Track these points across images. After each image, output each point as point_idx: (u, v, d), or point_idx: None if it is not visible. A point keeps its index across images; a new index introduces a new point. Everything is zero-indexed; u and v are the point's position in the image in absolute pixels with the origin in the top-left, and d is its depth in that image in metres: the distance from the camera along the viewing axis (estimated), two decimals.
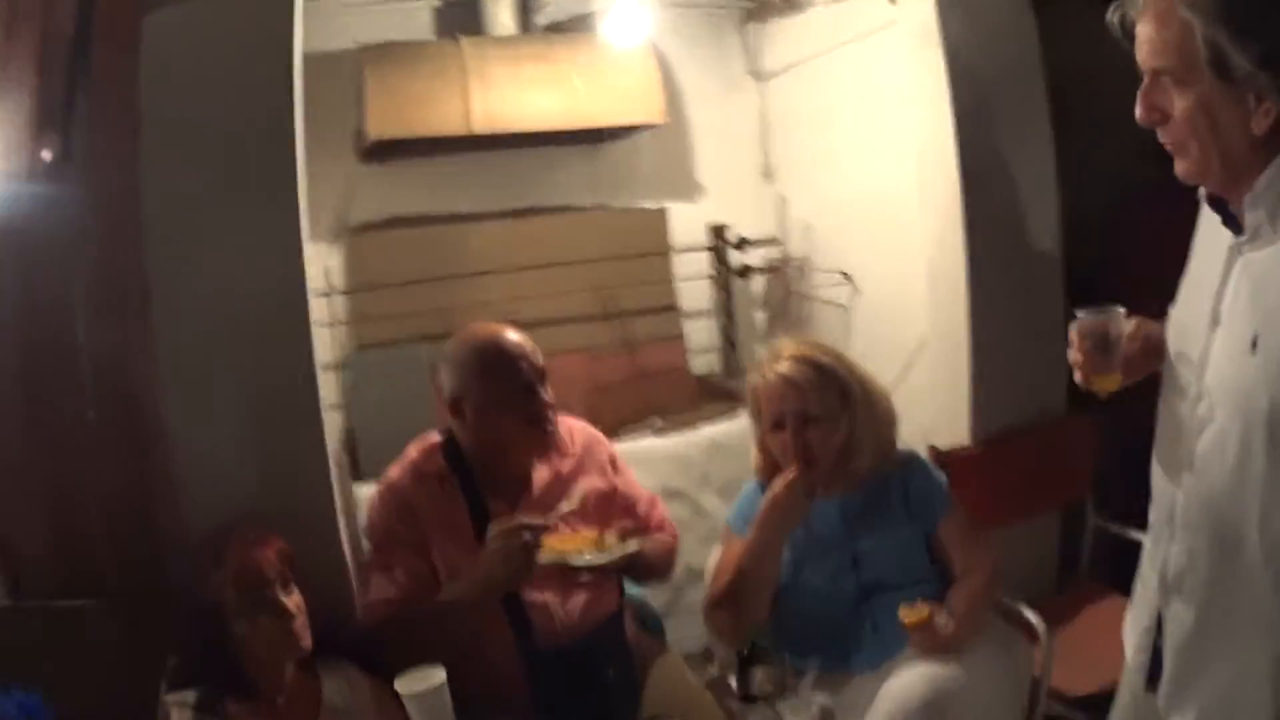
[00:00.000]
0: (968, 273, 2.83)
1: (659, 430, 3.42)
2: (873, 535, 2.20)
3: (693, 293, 3.90)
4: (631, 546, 2.13)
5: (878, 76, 3.22)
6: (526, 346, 2.15)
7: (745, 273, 3.90)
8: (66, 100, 2.12)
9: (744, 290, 4.01)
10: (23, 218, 2.14)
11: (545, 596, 2.09)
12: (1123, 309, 1.58)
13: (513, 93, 3.16)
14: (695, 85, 3.88)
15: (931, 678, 1.96)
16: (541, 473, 2.21)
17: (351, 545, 2.36)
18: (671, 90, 3.75)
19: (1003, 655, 2.09)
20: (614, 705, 2.12)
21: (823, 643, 2.19)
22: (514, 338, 2.15)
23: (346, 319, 3.38)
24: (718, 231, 3.87)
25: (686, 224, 3.86)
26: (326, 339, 3.18)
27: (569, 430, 2.29)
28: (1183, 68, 1.30)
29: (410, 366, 3.21)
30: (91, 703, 1.94)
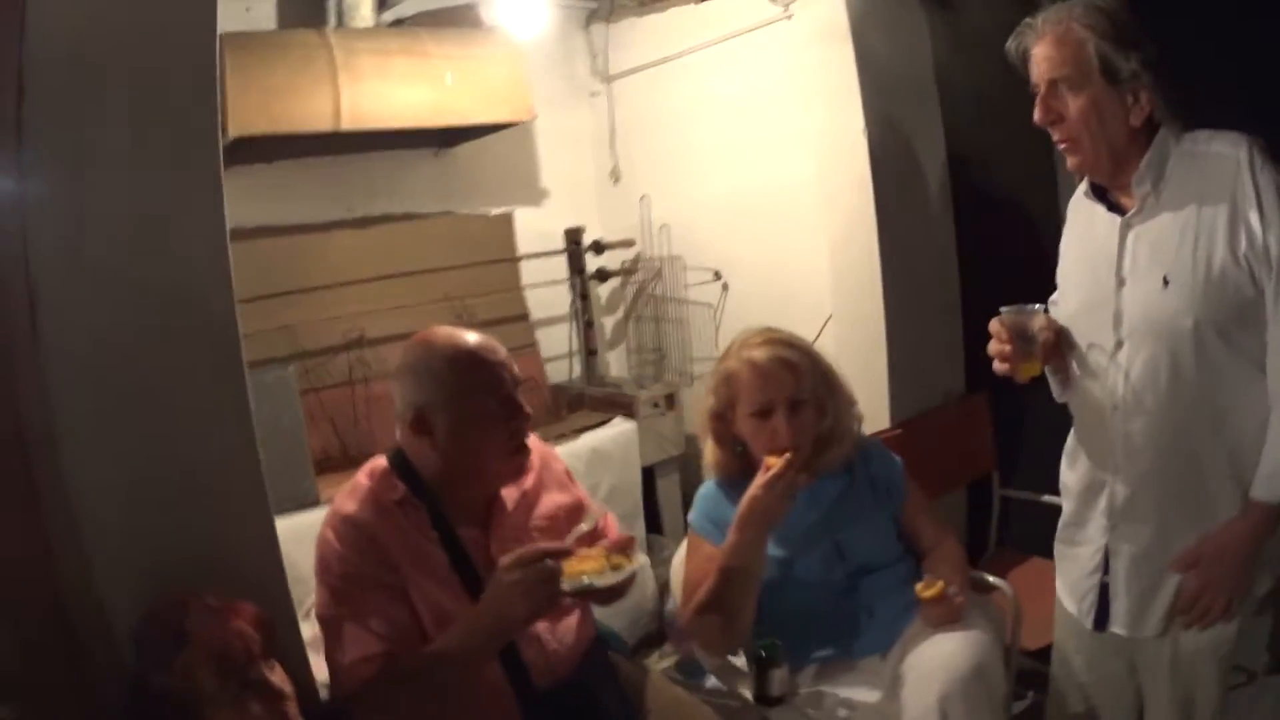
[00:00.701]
0: (881, 264, 2.93)
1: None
2: (851, 522, 2.20)
3: (549, 299, 3.79)
4: (640, 561, 1.94)
5: (750, 74, 3.27)
6: (502, 351, 1.94)
7: (602, 276, 3.81)
8: None
9: (604, 294, 3.93)
10: None
11: (538, 627, 1.89)
12: (1040, 305, 1.86)
13: (383, 87, 2.93)
14: (542, 87, 3.72)
15: (970, 643, 1.98)
16: (509, 492, 1.99)
17: None
18: None
19: (991, 618, 2.14)
20: None
21: (823, 635, 2.15)
22: (487, 342, 1.93)
23: None
24: (573, 235, 3.77)
25: (542, 228, 3.75)
26: None
27: None
28: (1078, 75, 1.70)
29: (259, 393, 2.81)
30: None
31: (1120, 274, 1.77)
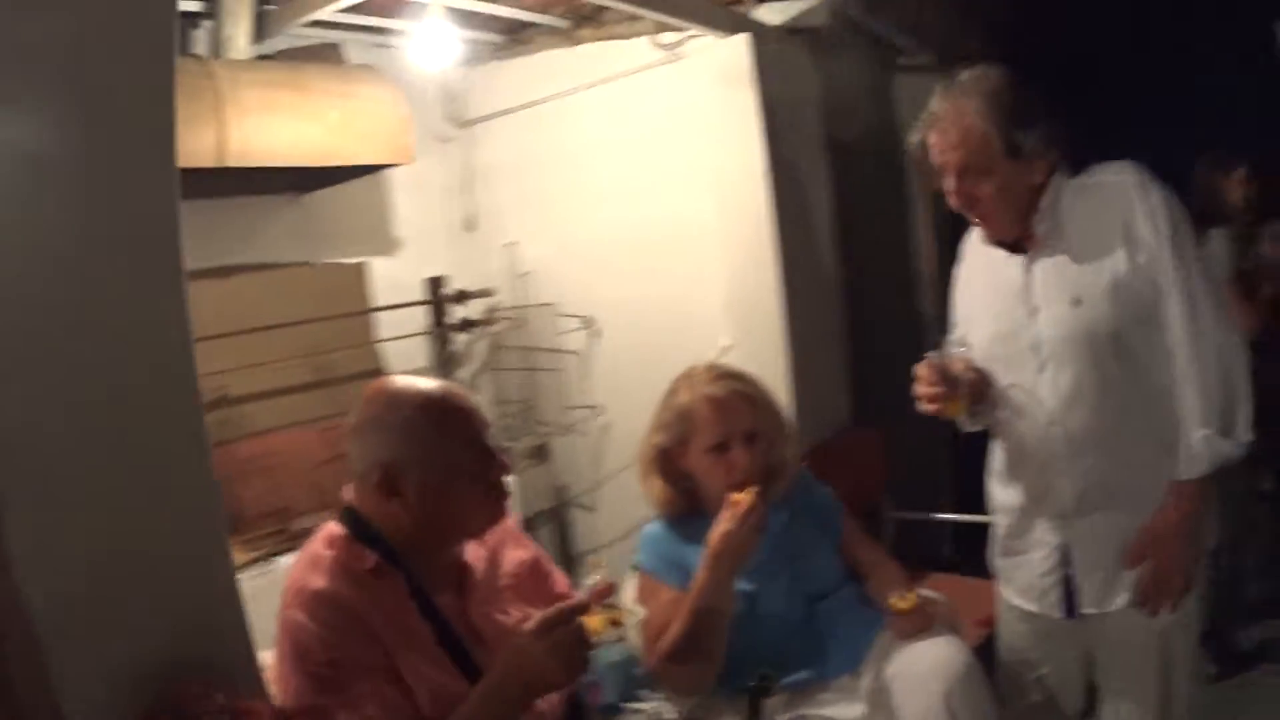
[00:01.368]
0: (782, 301, 3.07)
1: None
2: (802, 550, 2.25)
3: (409, 352, 3.63)
4: (640, 613, 1.95)
5: (632, 115, 3.36)
6: (472, 399, 1.82)
7: (465, 327, 3.71)
8: None
9: (468, 345, 3.82)
10: None
11: None
12: (963, 348, 2.06)
13: (271, 122, 2.73)
14: None
15: (957, 645, 2.07)
16: (476, 551, 1.88)
17: None
18: None
19: (952, 626, 2.22)
20: None
21: (794, 662, 2.17)
22: (454, 387, 1.83)
23: None
24: (435, 285, 3.65)
25: (399, 278, 3.61)
26: None
27: None
28: (986, 162, 1.88)
29: None
30: None
31: (1031, 304, 1.96)
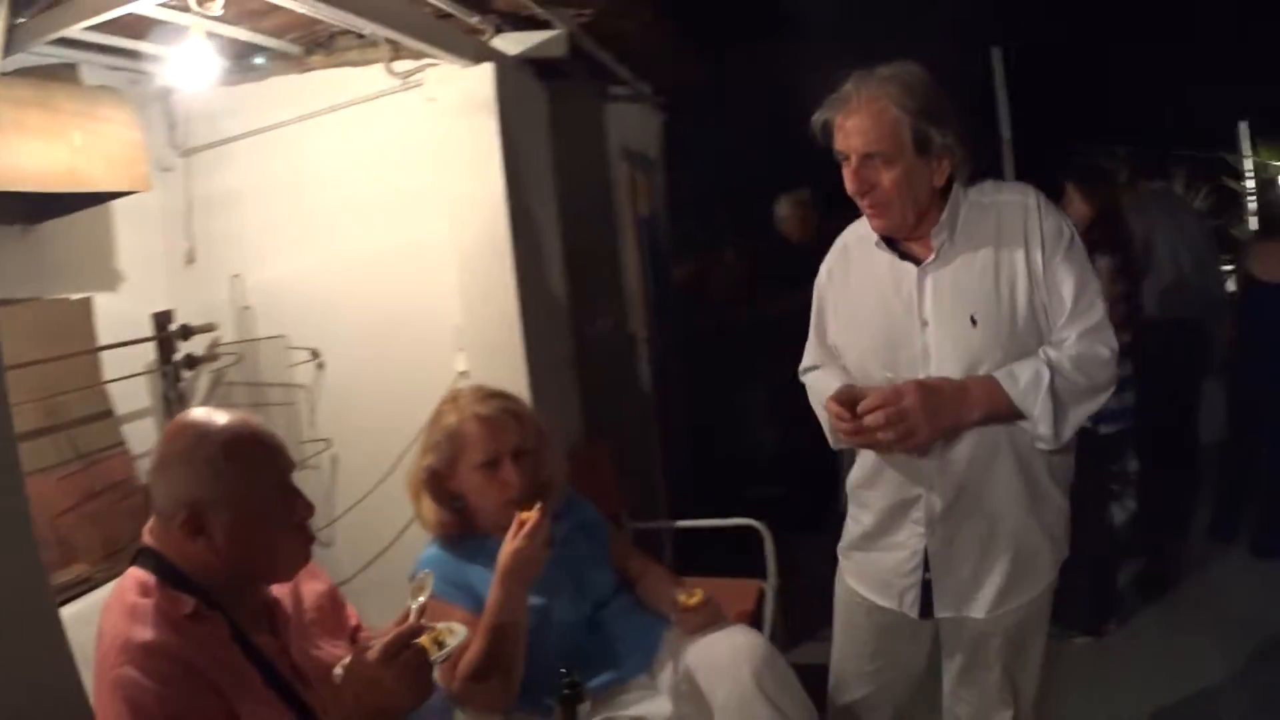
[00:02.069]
0: (521, 325, 3.22)
1: None
2: (580, 561, 2.39)
3: (134, 391, 3.39)
4: (462, 632, 1.86)
5: (369, 143, 3.39)
6: (276, 435, 1.78)
7: (191, 363, 3.65)
8: None
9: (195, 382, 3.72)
10: None
11: None
12: (889, 374, 2.02)
13: (16, 143, 2.53)
14: None
15: (750, 633, 2.28)
16: (279, 587, 1.84)
17: None
18: None
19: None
20: None
21: (590, 669, 2.26)
22: (256, 420, 1.76)
23: None
24: (161, 320, 3.48)
25: (124, 313, 3.37)
26: None
27: None
28: (894, 150, 1.89)
29: None
30: None
31: (922, 316, 1.96)
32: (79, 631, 1.77)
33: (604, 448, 3.55)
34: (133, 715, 1.49)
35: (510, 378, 3.18)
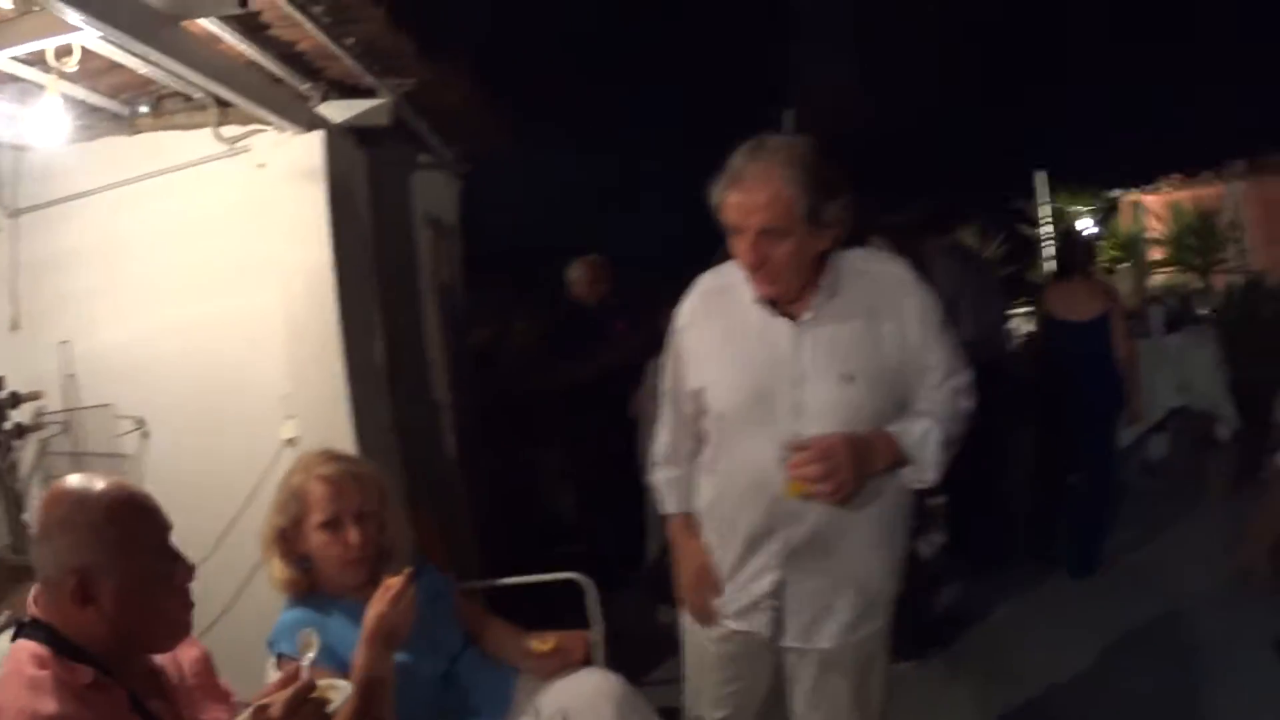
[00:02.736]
0: (349, 391, 3.30)
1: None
2: (434, 619, 2.45)
3: None
4: (347, 687, 1.91)
5: (199, 207, 3.39)
6: (153, 499, 1.81)
7: (22, 432, 3.47)
8: None
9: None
10: None
11: None
12: (814, 429, 2.07)
13: None
14: None
15: (609, 674, 2.46)
16: (162, 655, 1.88)
17: None
18: None
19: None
20: None
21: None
22: (137, 489, 1.79)
23: None
24: None
25: None
26: None
27: None
28: (787, 225, 1.98)
29: None
30: None
31: (798, 371, 2.08)
32: None
33: (425, 511, 3.60)
34: None
35: (339, 445, 3.13)
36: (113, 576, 1.66)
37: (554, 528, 5.75)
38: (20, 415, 3.45)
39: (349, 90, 3.52)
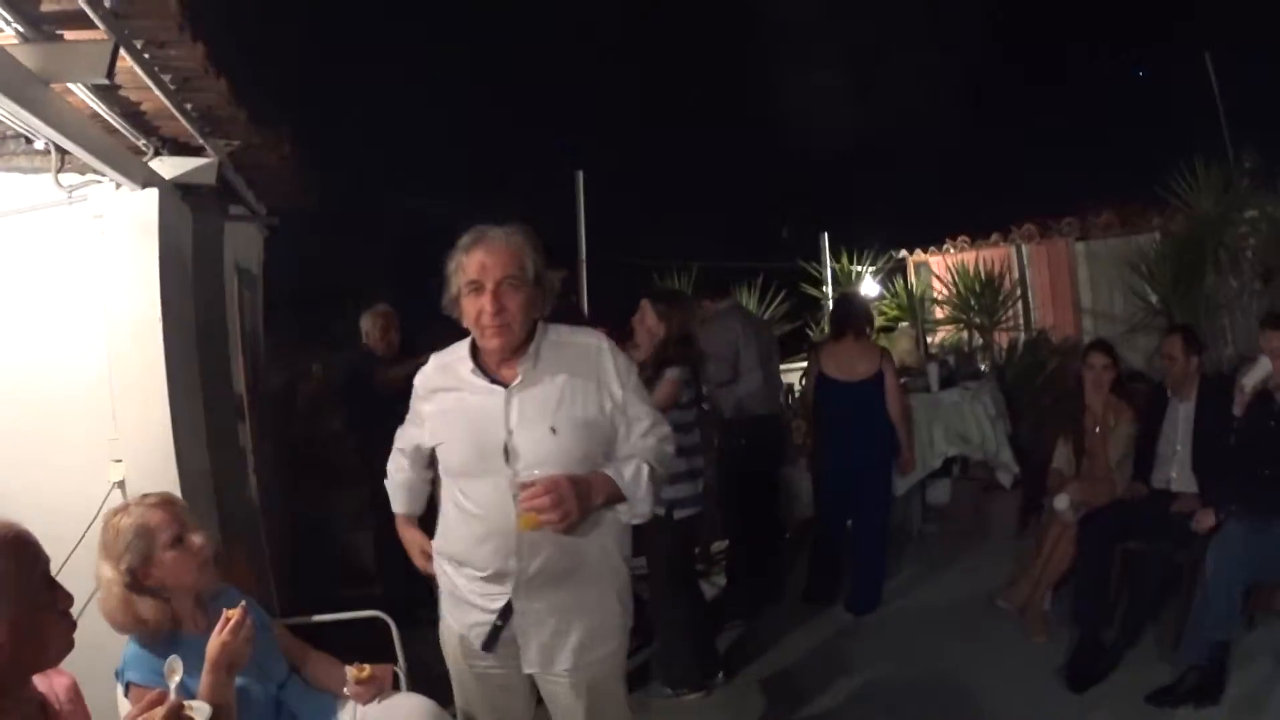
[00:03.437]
0: (173, 436, 3.46)
1: None
2: (261, 648, 2.61)
3: None
4: (207, 710, 2.13)
5: (14, 253, 3.42)
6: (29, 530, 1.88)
7: None
8: None
9: None
10: None
11: None
12: (537, 471, 2.39)
13: None
14: None
15: (418, 698, 2.85)
16: (42, 684, 1.97)
17: None
18: None
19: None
20: None
21: None
22: (13, 522, 1.85)
23: None
24: None
25: None
26: None
27: None
28: (521, 277, 2.42)
29: None
30: None
31: (509, 426, 2.45)
32: None
33: (240, 548, 3.81)
34: None
35: (163, 487, 3.22)
36: (7, 609, 1.73)
37: (348, 569, 5.96)
38: None
39: (180, 148, 3.70)
